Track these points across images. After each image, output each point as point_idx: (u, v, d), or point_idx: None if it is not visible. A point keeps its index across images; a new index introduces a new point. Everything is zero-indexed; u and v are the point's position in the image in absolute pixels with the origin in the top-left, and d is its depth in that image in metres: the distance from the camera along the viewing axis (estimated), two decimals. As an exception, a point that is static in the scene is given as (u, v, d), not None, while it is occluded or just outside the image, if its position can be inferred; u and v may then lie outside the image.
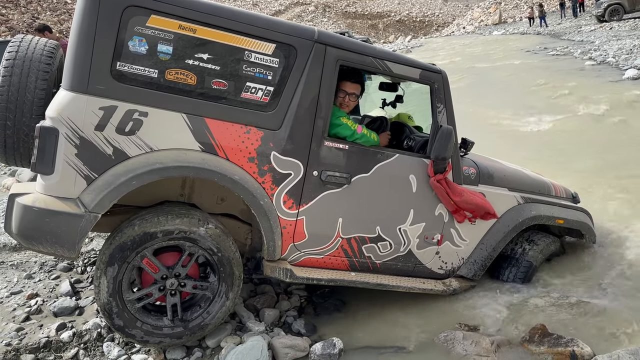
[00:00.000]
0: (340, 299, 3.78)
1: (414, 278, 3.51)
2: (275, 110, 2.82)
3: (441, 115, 3.29)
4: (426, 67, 3.27)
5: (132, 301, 2.74)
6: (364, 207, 3.18)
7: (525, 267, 3.77)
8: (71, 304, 3.34)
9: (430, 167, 3.23)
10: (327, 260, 3.21)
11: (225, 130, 2.71)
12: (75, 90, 2.43)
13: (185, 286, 2.84)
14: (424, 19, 62.17)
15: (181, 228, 2.69)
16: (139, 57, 2.51)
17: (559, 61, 14.16)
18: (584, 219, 4.06)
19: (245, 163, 2.78)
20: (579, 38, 19.41)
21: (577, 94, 9.84)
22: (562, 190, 4.18)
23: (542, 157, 6.76)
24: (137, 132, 2.53)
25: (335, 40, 2.95)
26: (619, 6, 21.43)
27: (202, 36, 2.61)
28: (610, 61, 12.54)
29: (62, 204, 2.44)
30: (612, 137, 7.25)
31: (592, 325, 3.25)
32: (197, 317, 2.89)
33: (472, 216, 3.47)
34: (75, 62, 2.43)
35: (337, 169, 3.03)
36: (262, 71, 2.77)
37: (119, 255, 2.62)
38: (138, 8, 2.47)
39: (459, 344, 3.05)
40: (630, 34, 17.52)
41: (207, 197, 3.10)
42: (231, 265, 2.85)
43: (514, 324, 3.33)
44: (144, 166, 2.52)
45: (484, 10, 40.63)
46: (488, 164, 3.74)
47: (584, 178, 5.79)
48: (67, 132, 2.41)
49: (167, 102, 2.58)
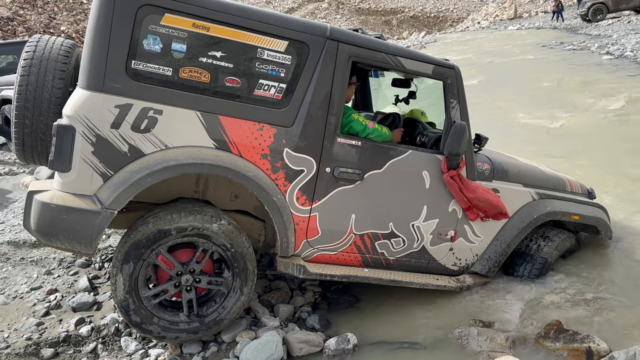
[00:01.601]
0: (354, 295, 3.79)
1: (428, 274, 3.50)
2: (288, 107, 2.84)
3: (455, 110, 3.27)
4: (439, 62, 3.26)
5: (148, 298, 2.79)
6: (377, 204, 3.18)
7: (540, 264, 3.73)
8: (89, 300, 3.40)
9: (444, 163, 3.22)
10: (340, 256, 3.22)
11: (239, 127, 2.73)
12: (91, 89, 2.47)
13: (200, 282, 2.88)
14: (438, 15, 61.63)
15: (194, 225, 2.73)
16: (154, 55, 2.55)
17: (576, 56, 13.97)
18: (600, 215, 4.01)
19: (259, 160, 2.80)
20: (596, 32, 19.11)
21: (593, 88, 9.70)
22: (577, 186, 4.14)
23: (558, 153, 6.68)
24: (152, 130, 2.57)
25: (347, 36, 2.96)
26: (603, 5, 21.51)
27: (216, 34, 2.64)
28: (628, 55, 12.35)
29: (79, 200, 2.49)
30: (629, 132, 7.13)
31: (608, 322, 3.22)
32: (212, 312, 2.93)
33: (484, 215, 3.45)
34: (91, 61, 2.47)
35: (350, 165, 3.03)
36: (275, 68, 2.78)
37: (134, 253, 2.67)
38: (152, 7, 2.51)
39: (473, 340, 3.04)
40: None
41: (221, 194, 3.13)
42: (245, 260, 2.88)
43: (529, 320, 3.31)
44: (159, 163, 2.56)
45: (499, 5, 40.16)
46: (502, 160, 3.71)
47: (600, 173, 5.71)
48: (83, 130, 2.46)
49: (181, 99, 2.61)
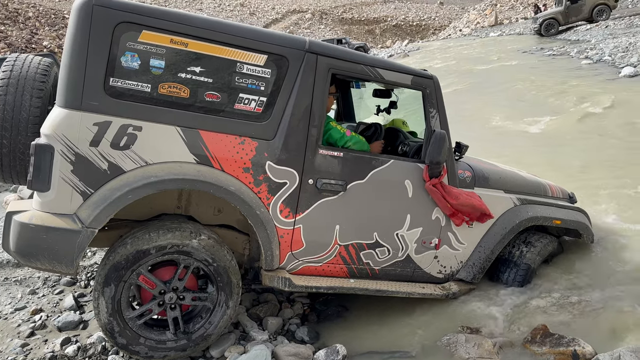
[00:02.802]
0: (343, 305, 3.79)
1: (414, 283, 3.51)
2: (269, 121, 2.85)
3: (434, 119, 3.31)
4: (417, 72, 3.30)
5: (132, 319, 2.76)
6: (361, 214, 3.19)
7: (524, 270, 3.74)
8: (75, 318, 3.35)
9: (426, 172, 3.24)
10: (326, 267, 3.22)
11: (220, 141, 2.73)
12: (69, 107, 2.46)
13: (185, 299, 2.85)
14: (421, 23, 62.34)
15: (174, 242, 2.71)
16: (132, 72, 2.54)
17: (556, 61, 14.21)
18: (581, 219, 4.06)
19: (241, 173, 2.80)
20: (574, 37, 19.49)
21: (574, 93, 9.86)
22: (558, 191, 4.19)
23: (539, 157, 6.76)
24: (131, 147, 2.56)
25: (326, 49, 2.98)
26: (554, 20, 22.39)
27: (194, 50, 2.64)
28: (606, 59, 12.60)
29: (59, 220, 2.46)
30: (609, 135, 7.25)
31: (593, 324, 3.25)
32: (199, 328, 2.90)
33: (469, 219, 3.48)
34: (69, 79, 2.47)
35: (333, 176, 3.04)
36: (255, 82, 2.80)
37: (114, 275, 2.64)
38: (130, 24, 2.51)
39: (461, 347, 3.06)
40: (625, 31, 17.56)
41: (204, 209, 3.12)
42: (228, 274, 2.86)
43: (515, 325, 3.34)
44: (140, 180, 2.55)
45: (479, 12, 40.70)
46: (483, 167, 3.75)
47: (581, 177, 5.79)
48: (62, 148, 2.44)
49: (160, 115, 2.61)
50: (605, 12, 21.75)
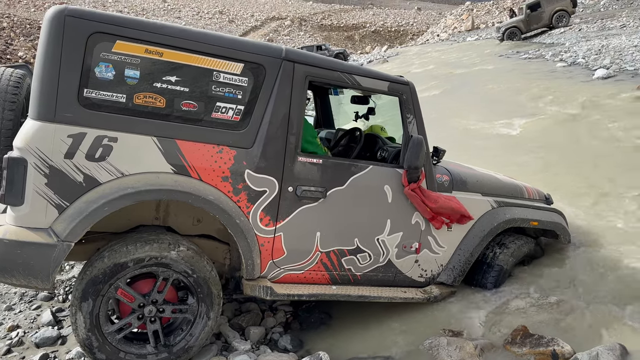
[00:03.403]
0: (326, 312, 3.79)
1: (395, 288, 3.53)
2: (247, 129, 2.84)
3: (411, 125, 3.34)
4: (393, 79, 3.33)
5: (111, 333, 2.71)
6: (341, 220, 3.20)
7: (496, 271, 3.78)
8: (53, 334, 3.29)
9: (404, 177, 3.27)
10: (308, 275, 3.21)
11: (197, 151, 2.72)
12: (42, 119, 2.42)
13: (164, 311, 2.82)
14: (399, 29, 62.93)
15: (152, 254, 2.67)
16: (106, 83, 2.52)
17: (532, 64, 14.43)
18: (557, 220, 4.13)
19: (219, 183, 2.79)
20: (549, 40, 19.88)
21: (549, 95, 10.03)
22: (534, 193, 4.26)
23: (516, 160, 6.86)
24: (107, 158, 2.53)
25: (303, 57, 2.99)
26: (515, 28, 23.20)
27: (169, 59, 2.63)
28: (580, 62, 12.83)
29: (34, 234, 2.42)
30: (584, 137, 7.38)
31: (572, 324, 3.31)
32: (180, 341, 2.87)
33: (449, 221, 3.51)
34: (42, 90, 2.43)
35: (312, 183, 3.05)
36: (232, 91, 2.79)
37: (92, 290, 2.59)
38: (103, 34, 2.49)
39: (443, 350, 3.08)
40: (598, 34, 18.00)
41: (183, 219, 3.09)
42: (208, 285, 2.83)
43: (496, 327, 3.37)
44: (116, 191, 2.52)
45: (456, 18, 41.23)
46: (461, 171, 3.79)
47: (558, 179, 5.89)
48: (35, 161, 2.40)
49: (136, 126, 2.58)
50: (564, 18, 22.74)
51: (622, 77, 10.41)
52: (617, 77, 10.48)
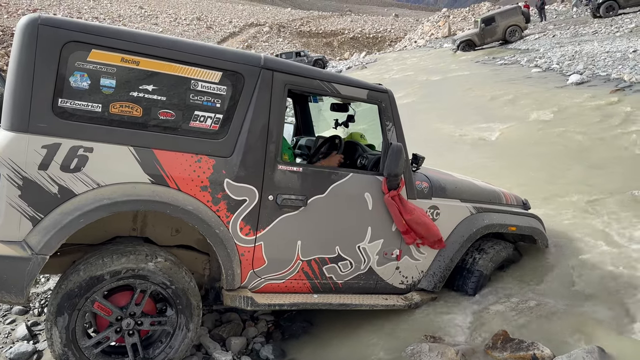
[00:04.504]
0: (308, 321, 3.76)
1: (377, 295, 3.53)
2: (226, 138, 2.82)
3: (391, 132, 3.35)
4: (372, 87, 3.34)
5: (89, 348, 2.66)
6: (322, 228, 3.19)
7: (475, 277, 3.81)
8: (29, 349, 3.21)
9: (384, 184, 3.28)
10: (289, 284, 3.19)
11: (175, 160, 2.68)
12: (15, 130, 2.36)
13: (143, 324, 2.77)
14: (377, 35, 63.49)
15: (128, 267, 2.62)
16: (82, 92, 2.47)
17: (507, 70, 14.71)
18: (535, 225, 4.18)
19: (198, 192, 2.75)
20: (524, 46, 20.27)
21: (524, 101, 10.22)
22: (512, 198, 4.31)
23: (494, 165, 6.95)
24: (82, 169, 2.47)
25: (282, 65, 2.98)
26: (470, 41, 24.30)
27: (146, 68, 2.59)
28: (554, 67, 13.13)
29: (7, 248, 2.35)
30: (559, 142, 7.53)
31: (551, 327, 3.34)
32: (160, 353, 2.82)
33: (420, 242, 3.52)
34: (15, 100, 2.37)
35: (293, 191, 3.03)
36: (210, 99, 2.76)
37: (67, 304, 2.54)
38: (78, 43, 2.44)
39: (425, 356, 3.08)
40: (572, 40, 18.41)
41: (161, 230, 3.05)
42: (187, 296, 2.79)
43: (477, 332, 3.39)
44: (92, 203, 2.46)
45: (433, 24, 41.74)
46: (440, 177, 3.82)
47: (534, 183, 5.98)
48: (8, 173, 2.34)
49: (112, 136, 2.53)
50: (517, 32, 23.61)
51: (595, 82, 10.67)
52: (591, 82, 10.73)
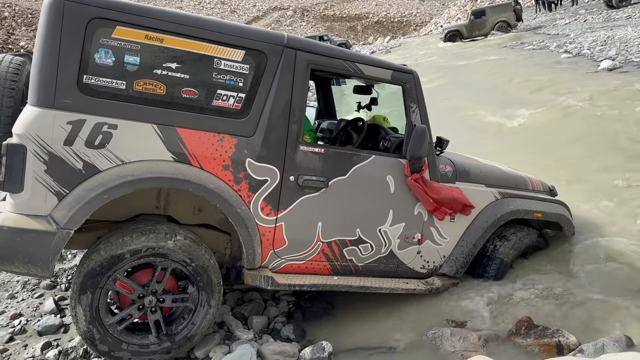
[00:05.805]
0: (329, 302, 3.77)
1: (397, 279, 3.50)
2: (248, 117, 2.81)
3: (415, 114, 3.30)
4: (397, 67, 3.28)
5: (112, 325, 2.70)
6: (343, 210, 3.17)
7: (496, 264, 3.75)
8: (56, 322, 3.29)
9: (407, 167, 3.23)
10: (309, 265, 3.19)
11: (198, 139, 2.69)
12: (41, 106, 2.39)
13: (165, 301, 2.81)
14: (402, 19, 62.61)
15: (148, 245, 2.65)
16: (106, 69, 2.48)
17: (536, 55, 14.33)
18: (561, 212, 4.09)
19: (220, 171, 2.76)
20: (554, 31, 19.71)
21: (554, 87, 9.94)
22: (538, 184, 4.21)
23: (522, 151, 6.80)
24: (107, 145, 2.50)
25: (305, 44, 2.95)
26: (457, 32, 24.25)
27: (170, 45, 2.59)
28: (585, 53, 12.72)
29: (33, 221, 2.40)
30: (590, 128, 7.31)
31: (577, 315, 3.29)
32: (182, 330, 2.86)
33: (452, 211, 3.47)
34: (41, 77, 2.39)
35: (314, 172, 3.01)
36: (233, 78, 2.75)
37: (90, 283, 2.58)
38: (103, 20, 2.45)
39: (447, 341, 3.06)
40: (604, 25, 17.83)
41: (184, 208, 3.06)
42: (207, 273, 2.81)
43: (500, 318, 3.36)
44: (116, 179, 2.49)
45: (460, 8, 40.89)
46: (464, 161, 3.75)
47: (563, 170, 5.83)
48: (35, 148, 2.37)
49: (136, 113, 2.55)
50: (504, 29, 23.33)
51: (628, 68, 10.32)
52: (623, 68, 10.38)
